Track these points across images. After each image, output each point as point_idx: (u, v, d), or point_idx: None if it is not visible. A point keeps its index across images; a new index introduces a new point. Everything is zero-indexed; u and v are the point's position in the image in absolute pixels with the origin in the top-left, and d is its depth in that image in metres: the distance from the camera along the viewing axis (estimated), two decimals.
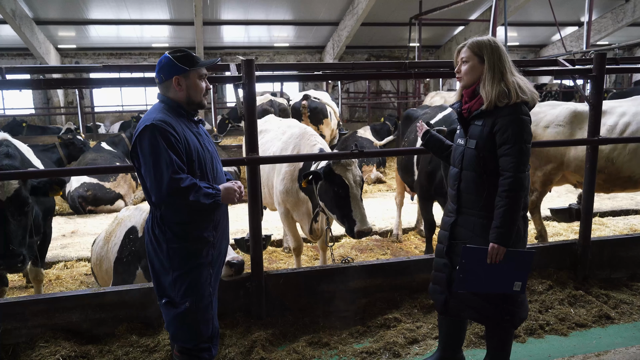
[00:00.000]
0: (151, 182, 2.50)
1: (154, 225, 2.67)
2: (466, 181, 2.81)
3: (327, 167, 3.99)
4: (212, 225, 2.75)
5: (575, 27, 21.90)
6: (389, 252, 6.15)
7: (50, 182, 4.10)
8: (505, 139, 2.62)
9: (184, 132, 2.61)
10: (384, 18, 19.21)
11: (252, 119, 3.63)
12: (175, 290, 2.66)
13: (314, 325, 3.88)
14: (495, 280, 2.73)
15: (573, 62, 4.49)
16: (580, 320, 3.87)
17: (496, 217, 2.67)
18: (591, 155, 4.27)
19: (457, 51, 2.85)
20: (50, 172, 4.51)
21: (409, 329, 3.77)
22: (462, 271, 2.73)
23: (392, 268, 4.18)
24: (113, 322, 3.66)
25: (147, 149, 2.48)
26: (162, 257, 2.64)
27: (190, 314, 2.67)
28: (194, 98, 2.69)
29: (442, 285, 2.98)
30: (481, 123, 2.72)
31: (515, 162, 2.60)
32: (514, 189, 2.61)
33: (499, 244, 2.66)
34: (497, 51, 2.69)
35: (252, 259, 3.85)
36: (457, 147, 2.92)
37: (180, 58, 2.63)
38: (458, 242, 2.88)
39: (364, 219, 3.91)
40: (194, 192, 2.51)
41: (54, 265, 5.90)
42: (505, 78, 2.66)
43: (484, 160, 2.71)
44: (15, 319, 3.52)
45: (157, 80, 2.68)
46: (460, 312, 2.97)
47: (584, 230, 4.44)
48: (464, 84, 2.82)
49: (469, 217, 2.83)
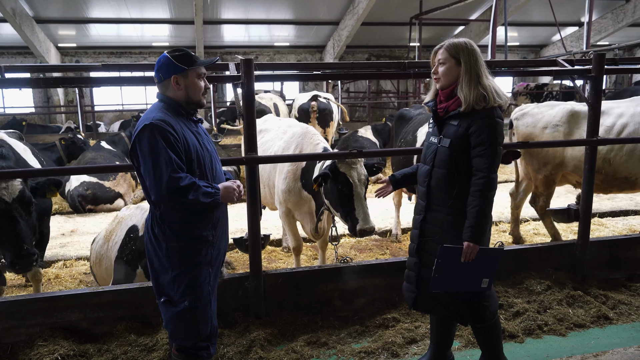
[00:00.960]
0: (150, 181, 2.51)
1: (153, 224, 2.68)
2: (437, 179, 2.87)
3: (333, 165, 4.02)
4: (212, 224, 2.76)
5: (576, 27, 21.90)
6: (388, 252, 6.15)
7: (47, 183, 4.07)
8: (480, 141, 2.69)
9: (183, 131, 2.62)
10: (384, 18, 19.22)
11: (251, 119, 3.64)
12: (174, 289, 2.67)
13: (312, 324, 3.88)
14: (466, 278, 2.79)
15: (572, 62, 4.49)
16: (579, 320, 3.87)
17: (470, 216, 2.72)
18: (590, 155, 4.28)
19: (433, 52, 2.88)
20: (48, 171, 4.49)
21: (408, 328, 3.77)
22: (438, 271, 2.75)
23: (391, 268, 4.18)
24: (112, 321, 3.66)
25: (147, 148, 2.49)
26: (162, 256, 2.66)
27: (188, 313, 2.68)
28: (192, 97, 2.70)
29: (412, 284, 3.02)
30: (457, 123, 2.78)
31: (489, 163, 2.68)
32: (487, 188, 2.69)
33: (474, 242, 2.71)
34: (474, 54, 2.74)
35: (250, 258, 3.85)
36: (429, 145, 2.96)
37: (179, 57, 2.64)
38: (428, 239, 2.93)
39: (366, 217, 3.92)
40: (193, 190, 2.51)
41: (53, 264, 5.90)
42: (482, 81, 2.72)
43: (456, 159, 2.78)
44: (14, 317, 3.52)
45: (156, 80, 2.69)
46: (431, 308, 3.02)
47: (582, 231, 4.44)
48: (440, 85, 2.85)
49: (438, 214, 2.89)
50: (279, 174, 4.64)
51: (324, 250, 5.04)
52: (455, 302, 2.89)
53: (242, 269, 5.63)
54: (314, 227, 4.63)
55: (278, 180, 4.64)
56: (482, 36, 19.84)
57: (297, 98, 11.32)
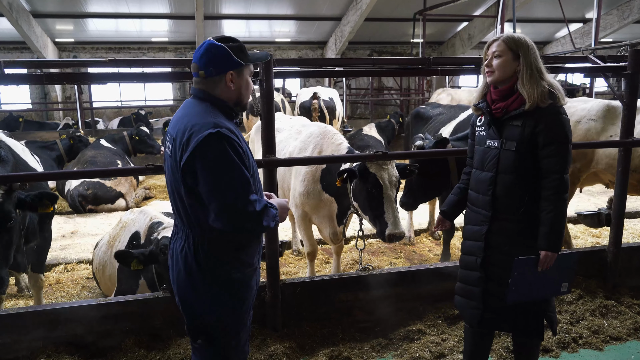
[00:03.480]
0: (220, 204, 2.06)
1: (197, 254, 2.21)
2: (504, 185, 2.66)
3: (362, 165, 3.79)
4: (258, 250, 2.42)
5: (580, 23, 21.65)
6: (401, 256, 5.93)
7: (40, 197, 3.45)
8: (550, 140, 2.52)
9: (243, 141, 2.20)
10: (387, 13, 18.94)
11: (270, 118, 3.39)
12: (223, 328, 2.29)
13: (332, 337, 3.66)
14: (544, 285, 2.65)
15: (604, 58, 4.25)
16: (615, 332, 3.66)
17: (544, 222, 2.54)
18: (624, 157, 4.05)
19: (487, 45, 2.70)
20: (46, 176, 4.14)
21: (434, 341, 3.55)
22: (514, 283, 2.58)
23: (414, 276, 3.96)
24: (119, 334, 3.43)
25: (216, 163, 2.05)
26: (207, 291, 2.24)
27: (233, 351, 2.34)
28: (243, 98, 2.29)
29: (477, 300, 2.80)
30: (520, 124, 2.59)
31: (562, 163, 2.53)
32: (561, 190, 2.53)
33: (551, 250, 2.55)
34: (534, 50, 2.59)
35: (267, 267, 3.61)
36: (486, 150, 2.74)
37: (237, 49, 2.18)
38: (494, 251, 2.72)
39: (396, 222, 3.69)
40: (266, 215, 2.13)
41: (54, 268, 5.65)
42: (545, 78, 2.57)
43: (525, 163, 2.59)
44: (15, 331, 3.28)
45: (204, 74, 2.19)
46: (498, 325, 2.84)
47: (615, 236, 4.22)
48: (494, 78, 2.65)
49: (507, 224, 2.68)
50: (296, 175, 4.39)
51: (339, 255, 4.81)
52: (526, 317, 2.72)
53: None
54: (334, 231, 4.39)
55: (295, 183, 4.39)
56: (486, 32, 19.60)
57: (299, 94, 11.07)
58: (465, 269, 2.87)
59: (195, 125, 2.10)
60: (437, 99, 12.05)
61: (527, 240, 2.61)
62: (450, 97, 12.02)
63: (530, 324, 2.73)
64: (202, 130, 2.06)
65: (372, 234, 5.55)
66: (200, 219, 2.18)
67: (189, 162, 2.08)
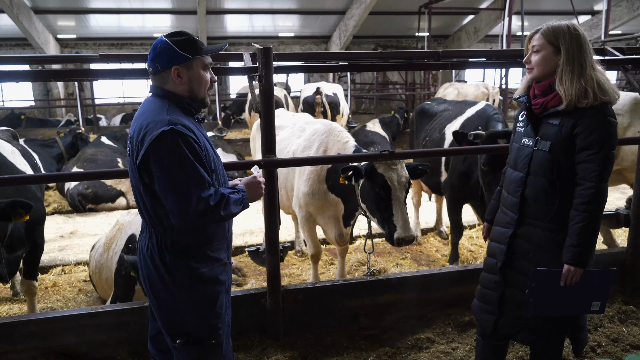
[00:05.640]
0: (173, 202, 2.05)
1: (161, 251, 2.20)
2: (533, 188, 2.46)
3: (370, 165, 3.60)
4: (226, 245, 2.37)
5: (588, 15, 21.29)
6: (408, 256, 5.74)
7: (12, 205, 3.15)
8: (588, 144, 2.27)
9: (202, 136, 2.17)
10: (392, 7, 18.67)
11: (270, 116, 3.21)
12: (200, 325, 2.26)
13: (337, 346, 3.49)
14: (570, 302, 2.42)
15: (623, 50, 4.03)
16: (636, 341, 3.47)
17: (572, 233, 2.31)
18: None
19: (528, 38, 2.47)
20: (25, 179, 3.80)
21: (444, 351, 3.38)
22: (532, 295, 2.38)
23: (422, 281, 3.78)
24: (113, 344, 3.27)
25: (169, 161, 2.03)
26: (177, 288, 2.21)
27: (219, 349, 2.30)
28: (197, 93, 2.23)
29: (492, 305, 2.63)
30: (558, 122, 2.36)
31: (599, 170, 2.26)
32: (595, 201, 2.27)
33: (576, 265, 2.32)
34: (577, 40, 2.30)
35: (268, 272, 3.44)
36: (521, 148, 2.53)
37: (181, 43, 2.15)
38: (518, 256, 2.53)
39: (406, 225, 3.51)
40: (223, 205, 2.10)
41: (51, 270, 5.50)
42: (585, 73, 2.28)
43: (558, 165, 2.36)
44: (4, 341, 3.13)
45: (151, 70, 2.20)
46: (513, 334, 2.64)
47: (633, 238, 4.02)
48: (534, 76, 2.44)
49: (535, 230, 2.48)
50: (299, 175, 4.21)
51: (344, 257, 4.63)
52: (548, 328, 2.52)
53: (252, 276, 5.23)
54: (340, 233, 4.21)
55: (299, 182, 4.21)
56: (492, 25, 19.30)
57: (303, 89, 10.86)
58: (486, 271, 2.72)
59: (150, 123, 2.08)
60: (444, 93, 11.83)
61: (555, 250, 2.40)
62: (457, 91, 11.81)
63: (549, 341, 2.54)
64: (156, 128, 2.05)
65: (378, 233, 5.37)
66: (161, 217, 2.17)
67: (144, 161, 2.08)
